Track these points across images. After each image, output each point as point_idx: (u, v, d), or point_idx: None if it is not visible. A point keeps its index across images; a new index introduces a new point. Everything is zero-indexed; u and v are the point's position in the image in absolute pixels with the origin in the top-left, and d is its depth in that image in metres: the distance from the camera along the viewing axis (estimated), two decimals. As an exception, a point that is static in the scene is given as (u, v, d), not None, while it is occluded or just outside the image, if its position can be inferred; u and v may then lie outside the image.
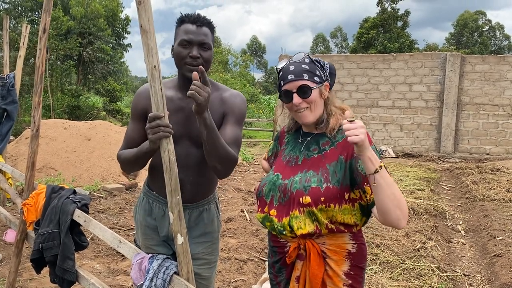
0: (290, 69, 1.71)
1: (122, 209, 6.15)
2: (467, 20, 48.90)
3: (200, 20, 1.88)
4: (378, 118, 14.44)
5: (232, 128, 1.91)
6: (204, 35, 1.87)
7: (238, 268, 4.19)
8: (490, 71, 13.45)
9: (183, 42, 1.86)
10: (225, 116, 1.94)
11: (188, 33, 1.86)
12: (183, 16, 1.91)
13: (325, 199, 1.60)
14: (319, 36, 67.31)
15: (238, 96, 2.01)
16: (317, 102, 1.72)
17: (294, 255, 1.71)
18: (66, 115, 20.13)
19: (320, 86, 1.72)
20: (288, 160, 1.80)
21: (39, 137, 2.94)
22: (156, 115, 1.61)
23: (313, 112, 1.72)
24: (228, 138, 1.85)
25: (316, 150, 1.74)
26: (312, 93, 1.69)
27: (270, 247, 1.84)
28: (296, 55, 1.76)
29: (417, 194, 7.46)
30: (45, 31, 2.75)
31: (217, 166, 1.81)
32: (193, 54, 1.85)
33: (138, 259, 1.90)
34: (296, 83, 1.69)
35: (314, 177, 1.66)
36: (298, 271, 1.71)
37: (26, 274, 3.86)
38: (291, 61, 1.75)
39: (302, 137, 1.82)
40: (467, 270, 4.49)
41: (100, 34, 25.49)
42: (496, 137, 13.57)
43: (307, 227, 1.63)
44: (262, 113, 25.00)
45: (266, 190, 1.76)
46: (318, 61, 1.75)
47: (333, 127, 1.71)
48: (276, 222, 1.70)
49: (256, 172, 9.81)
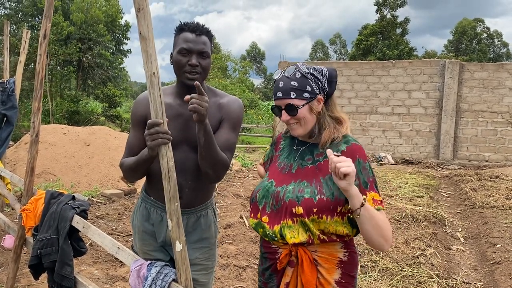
0: (279, 86, 1.72)
1: (121, 215, 6.14)
2: (466, 27, 49.10)
3: (199, 29, 1.91)
4: (377, 124, 14.46)
5: (227, 133, 1.96)
6: (203, 44, 1.90)
7: (237, 275, 4.18)
8: (489, 79, 13.49)
9: (182, 50, 1.88)
10: (221, 121, 1.98)
11: (187, 41, 1.88)
12: (182, 25, 1.93)
13: (317, 210, 1.60)
14: (318, 42, 67.58)
15: (236, 102, 2.04)
16: (306, 118, 1.71)
17: (285, 261, 1.70)
18: (66, 120, 20.14)
19: (309, 102, 1.70)
20: (282, 167, 1.80)
21: (38, 143, 2.94)
22: (154, 122, 1.61)
23: (302, 126, 1.73)
24: (222, 143, 1.91)
25: (310, 160, 1.74)
26: (299, 112, 1.69)
27: (261, 253, 1.84)
28: (288, 68, 1.74)
29: (416, 201, 7.45)
30: (45, 37, 2.76)
31: (208, 171, 1.87)
32: (192, 63, 1.87)
33: (136, 266, 1.89)
34: (284, 101, 1.70)
35: (307, 188, 1.65)
36: (288, 277, 1.71)
37: (24, 280, 3.84)
38: (283, 74, 1.74)
39: (297, 145, 1.83)
40: (466, 278, 4.47)
41: (100, 40, 25.57)
42: (495, 144, 13.58)
43: (300, 237, 1.64)
44: (261, 119, 25.01)
45: (260, 196, 1.76)
46: (312, 73, 1.72)
47: (325, 141, 1.70)
48: (268, 229, 1.70)
49: (255, 178, 9.80)
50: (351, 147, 1.68)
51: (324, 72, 1.74)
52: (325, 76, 1.74)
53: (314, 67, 1.75)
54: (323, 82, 1.73)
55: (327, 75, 1.75)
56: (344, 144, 1.70)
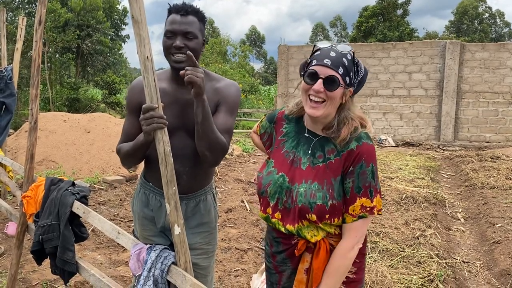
0: (330, 54, 1.58)
1: (122, 201, 6.18)
2: (467, 7, 48.57)
3: (184, 9, 1.85)
4: (378, 107, 14.41)
5: (225, 116, 1.92)
6: (187, 24, 1.85)
7: (238, 258, 4.22)
8: (490, 59, 13.39)
9: (167, 33, 1.85)
10: (218, 105, 1.95)
11: (172, 23, 1.85)
12: (170, 7, 1.90)
13: (329, 216, 1.62)
14: (318, 25, 66.93)
15: (233, 86, 2.01)
16: (335, 101, 1.60)
17: (303, 248, 1.70)
18: (66, 107, 20.12)
19: (346, 88, 1.61)
20: (292, 159, 1.73)
21: (37, 129, 2.94)
22: (149, 106, 1.60)
23: (326, 108, 1.61)
24: (220, 126, 1.87)
25: (321, 158, 1.67)
26: (337, 90, 1.57)
27: (272, 237, 1.80)
28: (342, 45, 1.62)
29: (416, 183, 7.47)
30: (40, 23, 2.74)
31: (206, 152, 1.82)
32: (176, 44, 1.83)
33: (136, 249, 1.91)
34: (329, 71, 1.56)
35: (319, 192, 1.62)
36: (307, 263, 1.70)
37: (28, 266, 3.89)
38: (334, 47, 1.61)
39: (308, 134, 1.74)
40: (466, 257, 4.52)
41: (98, 27, 25.37)
42: (496, 125, 13.55)
43: (321, 233, 1.67)
44: (262, 104, 24.92)
45: (271, 191, 1.72)
46: (358, 65, 1.63)
47: (344, 138, 1.61)
48: (282, 225, 1.71)
49: (256, 162, 9.82)
50: (361, 146, 1.62)
51: (361, 70, 1.65)
52: (361, 74, 1.65)
53: (359, 60, 1.66)
54: (357, 79, 1.65)
55: (362, 75, 1.65)
56: (355, 141, 1.63)
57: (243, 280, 3.74)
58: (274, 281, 1.84)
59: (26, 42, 11.61)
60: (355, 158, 1.61)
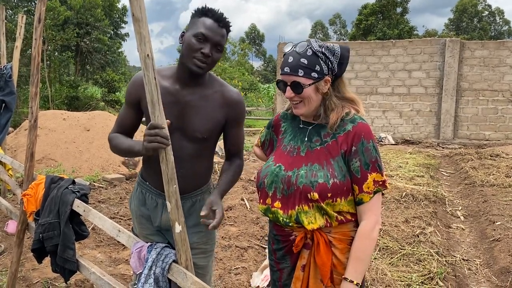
0: (288, 60, 1.65)
1: (122, 199, 6.18)
2: (466, 5, 48.53)
3: (223, 21, 1.83)
4: (378, 105, 14.42)
5: (237, 132, 2.09)
6: (221, 36, 1.83)
7: (239, 256, 4.22)
8: (490, 57, 13.39)
9: (199, 35, 1.78)
10: (232, 121, 2.02)
11: (208, 28, 1.79)
12: (206, 9, 1.83)
13: (332, 195, 1.62)
14: (317, 23, 66.92)
15: (240, 101, 2.03)
16: (311, 98, 1.67)
17: (301, 244, 1.71)
18: (65, 106, 20.06)
19: (317, 82, 1.65)
20: (289, 150, 1.77)
21: (37, 128, 2.94)
22: (156, 124, 1.58)
23: (306, 106, 1.69)
24: (235, 141, 2.09)
25: (319, 142, 1.71)
26: (304, 91, 1.65)
27: (273, 235, 1.82)
28: (300, 43, 1.67)
29: (416, 181, 7.48)
30: (40, 20, 2.73)
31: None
32: (206, 52, 1.78)
33: (137, 248, 1.91)
34: (291, 77, 1.65)
35: (320, 172, 1.64)
36: (304, 260, 1.71)
37: (28, 264, 3.89)
38: (293, 49, 1.66)
39: (303, 124, 1.79)
40: (466, 255, 4.52)
41: (97, 25, 25.31)
42: (496, 123, 13.56)
43: (318, 221, 1.65)
44: (261, 102, 24.94)
45: (268, 182, 1.74)
46: (324, 52, 1.64)
47: (334, 122, 1.67)
48: (282, 214, 1.70)
49: (256, 161, 9.82)
50: (357, 126, 1.66)
51: (337, 52, 1.68)
52: (336, 57, 1.67)
53: (327, 45, 1.68)
54: (334, 63, 1.67)
55: (339, 56, 1.68)
56: (350, 123, 1.68)
57: (243, 278, 3.74)
58: (275, 278, 1.85)
59: (25, 40, 11.58)
60: (353, 137, 1.65)
